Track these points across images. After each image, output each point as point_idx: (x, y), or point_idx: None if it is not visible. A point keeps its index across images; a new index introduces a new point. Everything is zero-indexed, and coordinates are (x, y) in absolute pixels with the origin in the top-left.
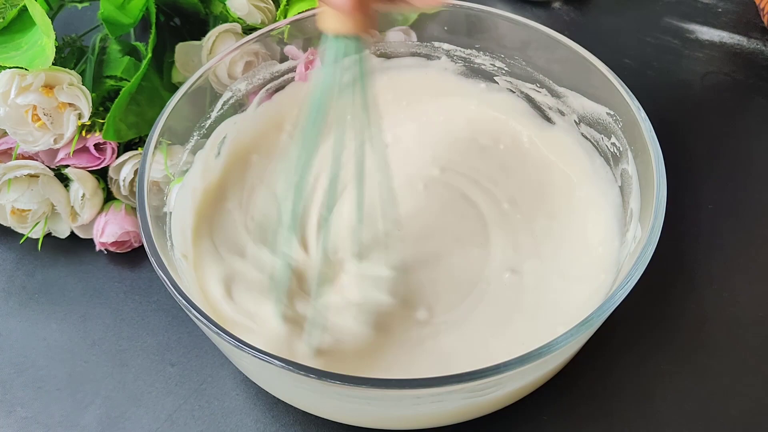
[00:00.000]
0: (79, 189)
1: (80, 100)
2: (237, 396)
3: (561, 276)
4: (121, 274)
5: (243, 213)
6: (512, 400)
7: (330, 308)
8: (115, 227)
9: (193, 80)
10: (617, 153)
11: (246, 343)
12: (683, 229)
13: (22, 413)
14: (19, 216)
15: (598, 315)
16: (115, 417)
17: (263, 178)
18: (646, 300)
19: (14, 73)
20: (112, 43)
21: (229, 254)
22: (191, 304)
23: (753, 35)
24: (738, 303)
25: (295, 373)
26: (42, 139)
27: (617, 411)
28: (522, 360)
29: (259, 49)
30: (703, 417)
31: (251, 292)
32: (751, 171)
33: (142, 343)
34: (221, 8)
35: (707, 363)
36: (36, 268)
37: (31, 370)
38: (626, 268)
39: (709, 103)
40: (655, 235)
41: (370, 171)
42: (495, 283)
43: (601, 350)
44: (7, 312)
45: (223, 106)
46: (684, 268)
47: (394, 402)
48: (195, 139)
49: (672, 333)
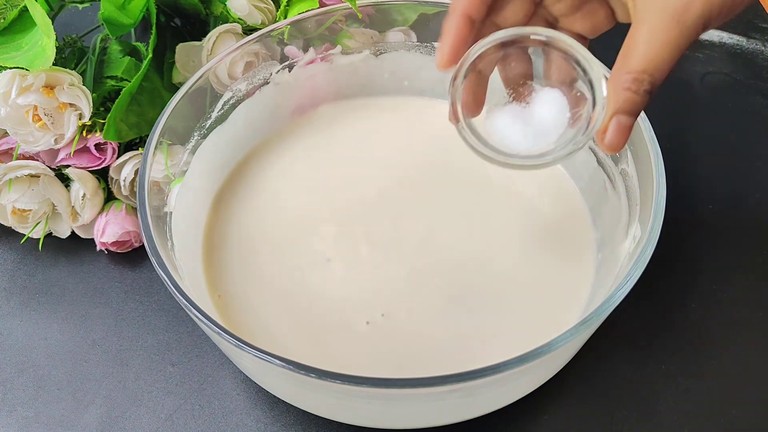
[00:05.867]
0: (79, 189)
1: (81, 100)
2: (237, 396)
3: (560, 275)
4: (121, 274)
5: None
6: (512, 399)
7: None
8: (116, 227)
9: (194, 80)
10: (617, 153)
11: (246, 343)
12: (683, 229)
13: (23, 413)
14: (19, 216)
15: (597, 315)
16: (115, 416)
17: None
18: (646, 300)
19: (15, 73)
20: (113, 44)
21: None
22: (191, 304)
23: (753, 35)
24: (738, 303)
25: (295, 373)
26: (43, 139)
27: (617, 411)
28: (522, 360)
29: (260, 50)
30: (703, 417)
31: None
32: (751, 171)
33: (142, 342)
34: (222, 9)
35: (707, 363)
36: (37, 268)
37: (31, 370)
38: (625, 268)
39: (709, 103)
40: (655, 235)
41: None
42: (493, 283)
43: (600, 350)
44: (7, 312)
45: (224, 106)
46: (683, 268)
47: (394, 402)
48: (195, 139)
49: (672, 333)
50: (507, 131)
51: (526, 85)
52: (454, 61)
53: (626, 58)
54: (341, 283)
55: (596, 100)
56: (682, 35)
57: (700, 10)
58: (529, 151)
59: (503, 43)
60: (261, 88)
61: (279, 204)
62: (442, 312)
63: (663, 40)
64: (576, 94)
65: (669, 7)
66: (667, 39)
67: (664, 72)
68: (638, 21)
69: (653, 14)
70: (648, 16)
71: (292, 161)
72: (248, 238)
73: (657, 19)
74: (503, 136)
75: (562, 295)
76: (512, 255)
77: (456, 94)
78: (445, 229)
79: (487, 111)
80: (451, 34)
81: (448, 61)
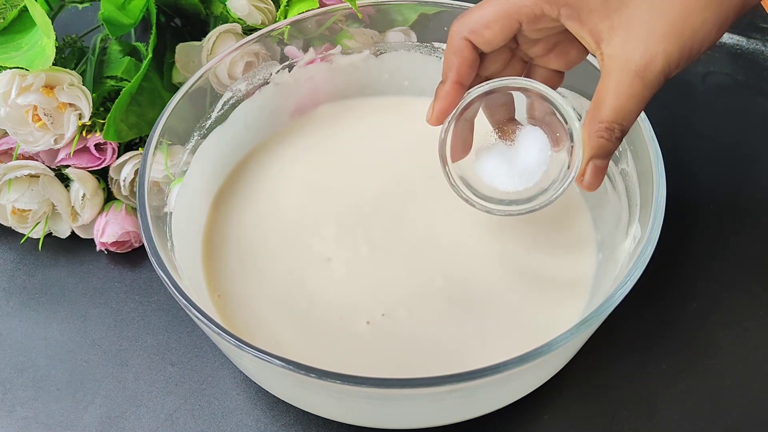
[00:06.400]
0: (79, 189)
1: (81, 100)
2: (237, 396)
3: (560, 275)
4: (121, 274)
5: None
6: (512, 400)
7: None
8: (116, 227)
9: (194, 80)
10: (617, 153)
11: (246, 343)
12: (683, 229)
13: (23, 413)
14: (19, 216)
15: (597, 314)
16: (115, 417)
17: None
18: (646, 300)
19: (15, 73)
20: (113, 44)
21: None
22: (191, 304)
23: (753, 35)
24: (738, 303)
25: (294, 373)
26: (42, 139)
27: (617, 411)
28: (522, 360)
29: (260, 50)
30: (703, 417)
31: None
32: (752, 171)
33: (142, 342)
34: (222, 9)
35: (707, 363)
36: (36, 268)
37: (31, 370)
38: (625, 268)
39: (709, 103)
40: (655, 235)
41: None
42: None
43: (601, 350)
44: (7, 312)
45: (224, 106)
46: (684, 268)
47: (394, 402)
48: (195, 139)
49: (672, 333)
50: (495, 173)
51: (510, 123)
52: (443, 120)
53: (598, 109)
54: (341, 283)
55: (574, 142)
56: (646, 88)
57: (660, 67)
58: (516, 187)
59: (486, 92)
60: (261, 88)
61: (279, 204)
62: (443, 312)
63: (629, 93)
64: (556, 134)
65: (632, 65)
66: (632, 92)
67: (633, 119)
68: (606, 75)
69: (619, 70)
70: (614, 72)
71: (292, 161)
72: (248, 238)
73: (622, 75)
74: (491, 177)
75: (562, 295)
76: (512, 255)
77: (445, 147)
78: (446, 228)
79: (476, 153)
80: (445, 100)
81: (438, 120)
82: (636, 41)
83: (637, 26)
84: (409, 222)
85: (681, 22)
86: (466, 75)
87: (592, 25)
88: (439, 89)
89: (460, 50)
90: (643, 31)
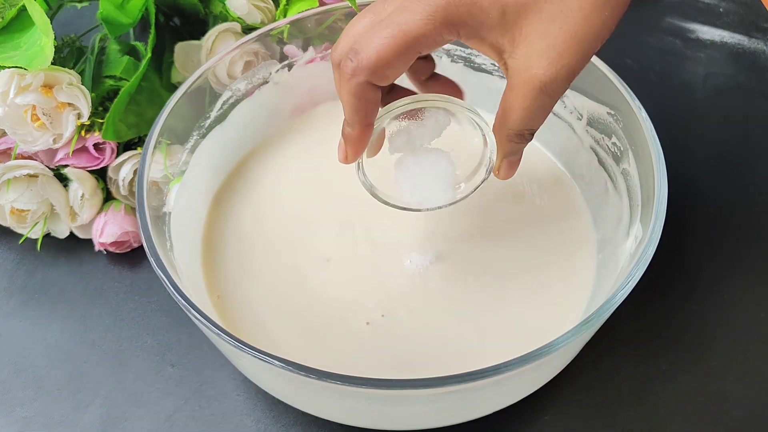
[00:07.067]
0: (78, 189)
1: (79, 99)
2: (237, 397)
3: (560, 276)
4: (120, 274)
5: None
6: (513, 400)
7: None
8: (115, 227)
9: (193, 80)
10: (618, 153)
11: (245, 344)
12: (684, 229)
13: (22, 413)
14: (18, 216)
15: (598, 315)
16: (115, 417)
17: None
18: (646, 300)
19: (13, 72)
20: (112, 43)
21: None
22: (191, 304)
23: (754, 35)
24: (738, 304)
25: (294, 374)
26: (41, 138)
27: (617, 411)
28: (523, 361)
29: (259, 49)
30: (703, 417)
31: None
32: (752, 171)
33: (142, 343)
34: (221, 8)
35: (707, 364)
36: (35, 269)
37: (31, 370)
38: (626, 268)
39: (711, 103)
40: (656, 235)
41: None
42: (494, 283)
43: (601, 350)
44: (7, 312)
45: (223, 105)
46: (684, 269)
47: (394, 403)
48: (194, 138)
49: (672, 333)
50: (416, 179)
51: (433, 81)
52: (356, 159)
53: (507, 118)
54: (341, 283)
55: (487, 141)
56: (552, 99)
57: (564, 80)
58: (438, 190)
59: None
60: (260, 87)
61: (278, 203)
62: (443, 312)
63: (536, 106)
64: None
65: (536, 81)
66: (539, 105)
67: (542, 122)
68: (511, 88)
69: (524, 86)
70: (520, 87)
71: (291, 161)
72: (247, 238)
73: (528, 91)
74: (413, 184)
75: (563, 296)
76: (513, 255)
77: (364, 177)
78: (445, 228)
79: (397, 161)
80: (359, 143)
81: (354, 160)
82: (539, 57)
83: (539, 40)
84: (409, 222)
85: (582, 27)
86: (373, 114)
87: (493, 40)
88: (348, 133)
89: (362, 93)
90: (544, 45)
